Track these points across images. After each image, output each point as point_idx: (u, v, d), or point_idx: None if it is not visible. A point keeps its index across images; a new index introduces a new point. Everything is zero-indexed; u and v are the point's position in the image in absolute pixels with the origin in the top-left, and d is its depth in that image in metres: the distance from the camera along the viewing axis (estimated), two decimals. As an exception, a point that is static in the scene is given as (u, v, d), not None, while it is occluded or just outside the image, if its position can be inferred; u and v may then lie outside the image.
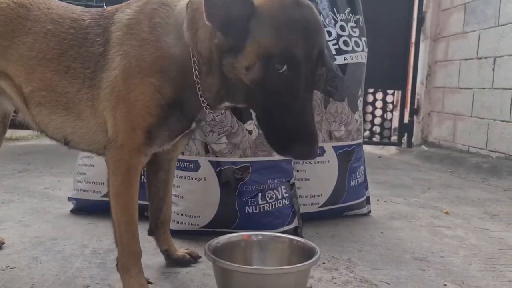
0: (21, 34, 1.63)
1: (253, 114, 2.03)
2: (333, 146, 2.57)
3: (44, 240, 2.19)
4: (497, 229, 2.67)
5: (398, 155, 6.19)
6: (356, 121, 2.67)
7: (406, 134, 6.55)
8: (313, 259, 1.56)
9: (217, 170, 2.14)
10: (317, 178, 2.54)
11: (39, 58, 1.61)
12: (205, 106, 1.49)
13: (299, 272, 1.55)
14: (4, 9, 1.64)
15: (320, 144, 2.49)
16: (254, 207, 2.19)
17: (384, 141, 6.58)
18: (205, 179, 2.15)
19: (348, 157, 2.64)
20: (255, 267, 1.65)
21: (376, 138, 6.58)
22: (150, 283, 1.62)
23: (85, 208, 2.61)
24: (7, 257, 1.95)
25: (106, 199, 2.52)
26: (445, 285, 1.82)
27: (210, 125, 2.12)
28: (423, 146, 6.37)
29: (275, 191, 2.24)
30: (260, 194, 2.20)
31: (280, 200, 2.25)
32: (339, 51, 2.59)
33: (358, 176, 2.72)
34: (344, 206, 2.69)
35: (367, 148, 6.39)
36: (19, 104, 1.69)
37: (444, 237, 2.47)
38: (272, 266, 1.72)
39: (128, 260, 1.56)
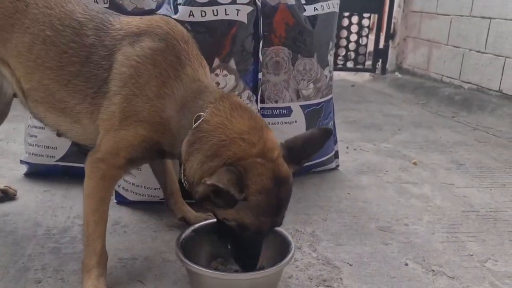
0: (20, 31, 1.60)
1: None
2: (300, 105, 2.44)
3: (-5, 217, 2.08)
4: (462, 183, 2.67)
5: (371, 83, 6.08)
6: (326, 77, 2.51)
7: (380, 60, 6.39)
8: (285, 260, 1.51)
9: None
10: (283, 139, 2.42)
11: (38, 63, 1.58)
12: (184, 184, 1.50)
13: (270, 276, 1.51)
14: (3, 1, 1.60)
15: (287, 104, 2.37)
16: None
17: (358, 67, 6.43)
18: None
19: (317, 115, 2.52)
20: (224, 273, 1.58)
21: (350, 64, 6.42)
22: None
23: (39, 172, 2.47)
24: (-47, 243, 1.84)
25: (61, 163, 2.42)
26: (407, 264, 1.81)
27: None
28: (397, 73, 6.25)
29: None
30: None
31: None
32: (309, 0, 2.35)
33: (326, 133, 2.62)
34: (312, 164, 2.62)
35: (340, 74, 6.27)
36: (18, 93, 1.70)
37: (410, 197, 2.46)
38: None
39: (91, 260, 1.51)
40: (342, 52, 6.28)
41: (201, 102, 1.46)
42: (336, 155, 2.80)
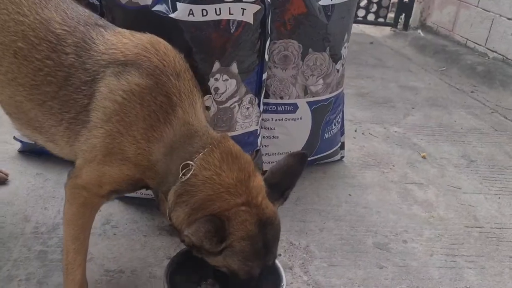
0: None
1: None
2: (307, 102, 2.28)
3: (-16, 206, 2.04)
4: (470, 188, 2.56)
5: (391, 39, 5.74)
6: (338, 71, 2.32)
7: (403, 14, 6.00)
8: None
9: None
10: (286, 136, 2.31)
11: (8, 77, 1.43)
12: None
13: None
14: None
15: (293, 100, 2.22)
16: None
17: (380, 21, 6.06)
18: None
19: (324, 111, 2.37)
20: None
21: (371, 17, 6.04)
22: None
23: (33, 151, 2.39)
24: None
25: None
26: (399, 295, 1.77)
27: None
28: (419, 31, 5.89)
29: (235, 165, 2.03)
30: (218, 172, 2.00)
31: (241, 174, 2.06)
32: (326, -12, 2.12)
33: (333, 127, 2.49)
34: (316, 158, 2.51)
35: (360, 27, 5.92)
36: None
37: (413, 203, 2.37)
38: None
39: None
40: (364, 3, 5.88)
41: (190, 149, 1.35)
42: (342, 147, 2.68)
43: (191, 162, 1.32)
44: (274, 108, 2.23)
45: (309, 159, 2.41)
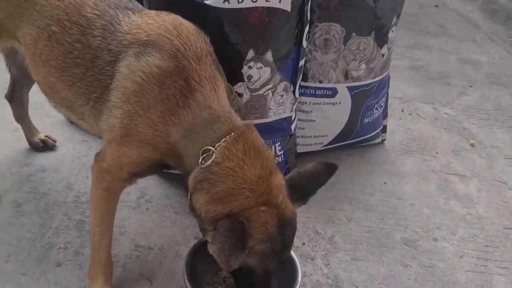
0: (27, 21, 1.53)
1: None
2: (347, 87, 2.20)
3: (33, 172, 2.19)
4: (518, 184, 2.43)
5: (459, 1, 5.31)
6: (383, 55, 2.20)
7: (477, -26, 5.50)
8: None
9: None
10: (324, 120, 2.26)
11: (42, 59, 1.52)
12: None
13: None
14: None
15: (332, 85, 2.16)
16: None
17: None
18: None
19: (365, 96, 2.29)
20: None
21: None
22: None
23: (80, 117, 2.50)
24: (-8, 202, 1.99)
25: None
26: (419, 298, 1.76)
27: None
28: (492, -6, 5.40)
29: (267, 151, 2.04)
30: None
31: (273, 159, 2.07)
32: (376, -34, 1.98)
33: (374, 112, 2.40)
34: (354, 142, 2.46)
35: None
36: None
37: (452, 197, 2.28)
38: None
39: (96, 268, 1.58)
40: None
41: (212, 134, 1.35)
42: (384, 130, 2.59)
43: (212, 148, 1.32)
44: (312, 92, 2.18)
45: (346, 142, 2.40)
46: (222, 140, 1.32)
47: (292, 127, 2.10)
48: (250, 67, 1.80)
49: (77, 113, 1.56)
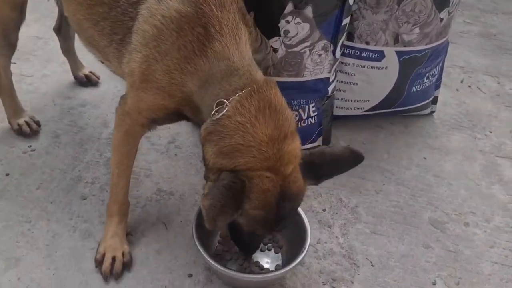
0: None
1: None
2: (396, 51, 2.05)
3: (75, 105, 2.27)
4: None
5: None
6: (441, 20, 2.01)
7: None
8: (284, 270, 1.50)
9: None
10: (367, 84, 2.14)
11: None
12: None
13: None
14: None
15: (379, 48, 2.02)
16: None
17: None
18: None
19: (415, 63, 2.12)
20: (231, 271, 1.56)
21: None
22: (130, 234, 1.69)
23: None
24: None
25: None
26: (434, 283, 1.68)
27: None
28: None
29: (300, 111, 1.97)
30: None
31: (305, 120, 2.00)
32: None
33: (425, 81, 2.24)
34: (398, 110, 2.32)
35: None
36: None
37: (496, 182, 2.12)
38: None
39: (113, 207, 1.64)
40: None
41: (228, 87, 1.29)
42: (434, 101, 2.42)
43: (225, 101, 1.27)
44: (357, 53, 2.05)
45: (390, 110, 2.27)
46: (237, 94, 1.27)
47: (330, 88, 2.00)
48: (287, 22, 1.70)
49: (102, 54, 1.56)
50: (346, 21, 1.83)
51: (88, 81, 2.37)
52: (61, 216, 1.75)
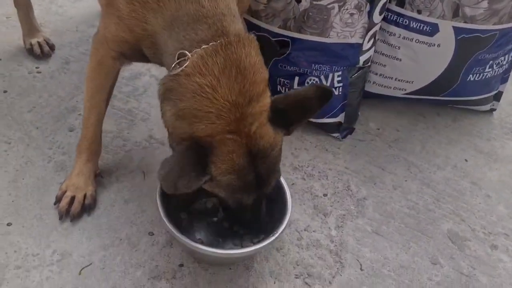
0: None
1: None
2: (454, 27, 1.70)
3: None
4: None
5: None
6: (518, -4, 1.62)
7: None
8: (262, 244, 1.29)
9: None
10: (412, 62, 1.81)
11: None
12: None
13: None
14: None
15: (433, 20, 1.69)
16: (287, 89, 1.75)
17: None
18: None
19: (476, 46, 1.76)
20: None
21: None
22: (100, 176, 1.56)
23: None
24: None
25: None
26: (431, 306, 1.40)
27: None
28: None
29: (321, 77, 1.70)
30: (297, 78, 1.71)
31: (327, 90, 1.73)
32: None
33: (487, 70, 1.86)
34: (449, 100, 1.97)
35: None
36: None
37: (547, 205, 1.74)
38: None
39: (82, 143, 1.51)
40: None
41: (193, 35, 1.10)
42: (497, 97, 2.03)
43: (188, 53, 1.08)
44: (405, 22, 1.73)
45: (438, 98, 1.94)
46: (202, 47, 1.07)
47: (362, 58, 1.70)
48: (315, -33, 1.43)
49: None
50: (391, -25, 1.52)
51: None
52: (41, 144, 1.65)
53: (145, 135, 1.75)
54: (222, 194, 1.19)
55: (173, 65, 1.10)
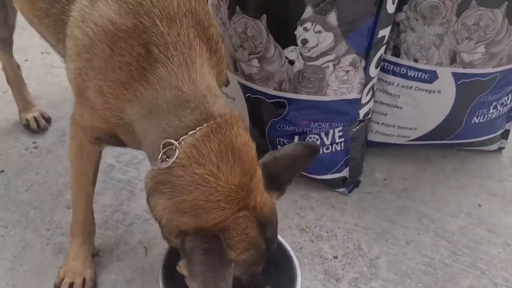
0: None
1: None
2: (453, 73, 1.66)
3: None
4: None
5: None
6: (515, 38, 1.59)
7: None
8: None
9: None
10: (414, 109, 1.77)
11: None
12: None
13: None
14: None
15: (431, 67, 1.67)
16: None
17: None
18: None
19: (479, 89, 1.72)
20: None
21: None
22: (98, 255, 1.50)
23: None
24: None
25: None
26: None
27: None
28: None
29: (322, 135, 1.66)
30: (297, 137, 1.67)
31: (328, 146, 1.69)
32: None
33: (491, 111, 1.81)
34: (455, 143, 1.92)
35: None
36: None
37: None
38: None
39: (75, 225, 1.46)
40: None
41: (176, 122, 1.04)
42: (505, 135, 1.98)
43: (174, 142, 1.02)
44: (403, 71, 1.70)
45: (444, 142, 1.89)
46: (189, 133, 1.01)
47: (362, 112, 1.66)
48: (306, 29, 1.41)
49: (58, 51, 1.36)
50: (384, 32, 1.49)
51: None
52: (39, 225, 1.61)
53: (146, 207, 1.65)
54: (239, 272, 1.10)
55: (159, 156, 1.03)
